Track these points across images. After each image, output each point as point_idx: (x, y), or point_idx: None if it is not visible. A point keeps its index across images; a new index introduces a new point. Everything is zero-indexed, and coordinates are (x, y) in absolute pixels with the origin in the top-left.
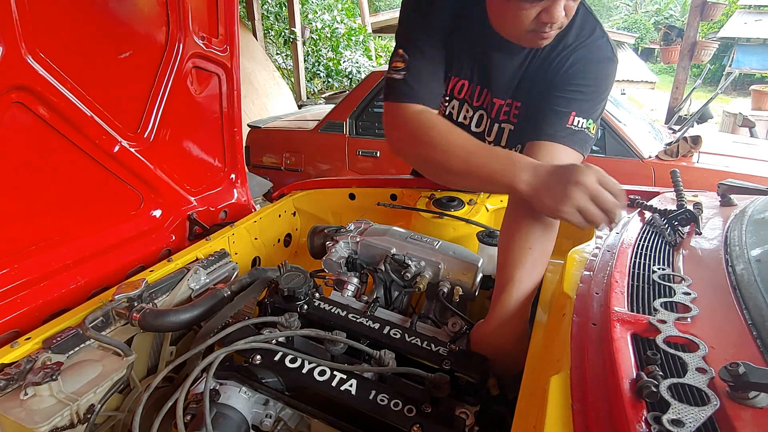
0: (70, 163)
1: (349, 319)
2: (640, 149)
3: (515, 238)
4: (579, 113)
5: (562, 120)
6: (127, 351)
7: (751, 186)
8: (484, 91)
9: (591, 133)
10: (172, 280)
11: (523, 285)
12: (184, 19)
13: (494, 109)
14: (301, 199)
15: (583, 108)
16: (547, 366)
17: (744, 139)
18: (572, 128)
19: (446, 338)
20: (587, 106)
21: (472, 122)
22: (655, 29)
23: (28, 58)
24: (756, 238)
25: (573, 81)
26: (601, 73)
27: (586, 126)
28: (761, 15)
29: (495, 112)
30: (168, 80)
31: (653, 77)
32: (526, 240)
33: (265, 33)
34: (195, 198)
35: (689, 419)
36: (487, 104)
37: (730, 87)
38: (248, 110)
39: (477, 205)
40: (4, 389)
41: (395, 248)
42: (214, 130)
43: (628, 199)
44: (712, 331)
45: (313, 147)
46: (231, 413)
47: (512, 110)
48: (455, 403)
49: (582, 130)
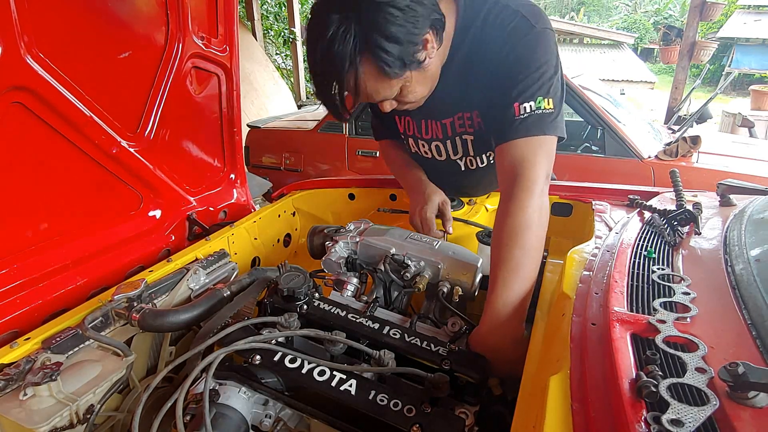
0: (69, 163)
1: (349, 319)
2: (639, 149)
3: (500, 238)
4: (521, 99)
5: (507, 115)
6: (126, 351)
7: (750, 186)
8: (429, 121)
9: (546, 109)
10: (172, 280)
11: (511, 285)
12: (184, 19)
13: (447, 128)
14: (301, 199)
15: (523, 92)
16: (546, 366)
17: (743, 139)
18: (520, 118)
19: (446, 338)
20: (525, 89)
21: (434, 153)
22: (655, 29)
23: (27, 58)
24: (755, 238)
25: (499, 72)
26: (520, 51)
27: (536, 107)
28: (760, 15)
29: (450, 131)
30: (167, 80)
31: (652, 77)
32: (509, 239)
33: (264, 33)
34: (194, 198)
35: (689, 419)
36: (435, 132)
37: (730, 87)
38: (248, 110)
39: (476, 205)
40: (4, 389)
41: (395, 248)
42: (213, 131)
43: (627, 199)
44: (711, 330)
45: (312, 147)
46: (230, 413)
47: (465, 121)
48: (455, 403)
49: (532, 113)
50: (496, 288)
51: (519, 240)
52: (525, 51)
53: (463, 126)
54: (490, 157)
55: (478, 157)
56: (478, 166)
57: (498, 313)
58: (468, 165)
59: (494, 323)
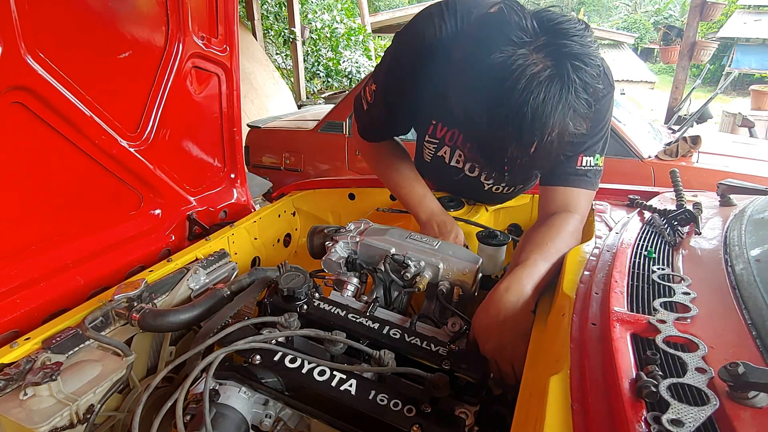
0: (69, 163)
1: (349, 319)
2: (639, 149)
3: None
4: (586, 153)
5: (571, 163)
6: (126, 351)
7: (750, 186)
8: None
9: (599, 167)
10: (172, 280)
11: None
12: (184, 19)
13: None
14: (301, 199)
15: (589, 146)
16: (547, 366)
17: (743, 139)
18: (582, 169)
19: (446, 338)
20: (592, 144)
21: (465, 168)
22: (655, 29)
23: (27, 58)
24: (755, 238)
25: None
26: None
27: (594, 163)
28: (761, 15)
29: None
30: (167, 80)
31: (653, 77)
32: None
33: (264, 33)
34: (194, 198)
35: (689, 419)
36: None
37: (730, 87)
38: (248, 110)
39: (476, 206)
40: (4, 389)
41: (395, 248)
42: (213, 130)
43: (627, 199)
44: (711, 330)
45: (312, 147)
46: (231, 413)
47: None
48: (455, 403)
49: (591, 168)
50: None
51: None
52: (604, 107)
53: None
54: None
55: (508, 186)
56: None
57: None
58: (492, 189)
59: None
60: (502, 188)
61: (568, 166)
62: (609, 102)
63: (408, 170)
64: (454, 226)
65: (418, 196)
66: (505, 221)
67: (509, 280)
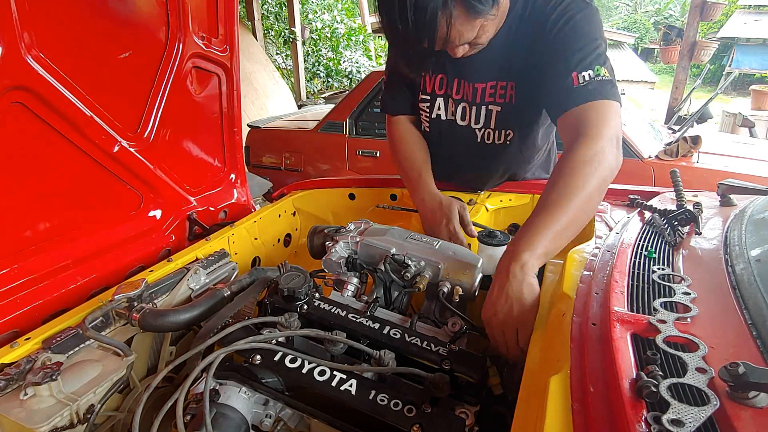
0: (69, 163)
1: (349, 319)
2: (639, 149)
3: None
4: (579, 68)
5: (564, 85)
6: (126, 351)
7: (750, 186)
8: (462, 82)
9: (606, 76)
10: (172, 280)
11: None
12: (184, 19)
13: (477, 94)
14: (301, 199)
15: (581, 61)
16: (547, 366)
17: (744, 139)
18: (580, 86)
19: (446, 338)
20: (584, 58)
21: (457, 116)
22: (655, 29)
23: (27, 58)
24: (756, 238)
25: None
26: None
27: (595, 74)
28: (761, 15)
29: (479, 97)
30: (168, 80)
31: (653, 77)
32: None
33: (265, 33)
34: (195, 198)
35: (689, 419)
36: (466, 93)
37: (730, 87)
38: (248, 110)
39: (477, 205)
40: (4, 389)
41: (395, 248)
42: (213, 130)
43: (628, 198)
44: (711, 330)
45: (313, 147)
46: (231, 413)
47: (498, 91)
48: (455, 403)
49: (592, 80)
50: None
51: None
52: (583, 23)
53: (494, 96)
54: (508, 137)
55: (497, 131)
56: (495, 141)
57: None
58: (485, 138)
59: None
60: (493, 135)
61: (563, 90)
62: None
63: (415, 150)
64: (446, 213)
65: (414, 178)
66: (505, 221)
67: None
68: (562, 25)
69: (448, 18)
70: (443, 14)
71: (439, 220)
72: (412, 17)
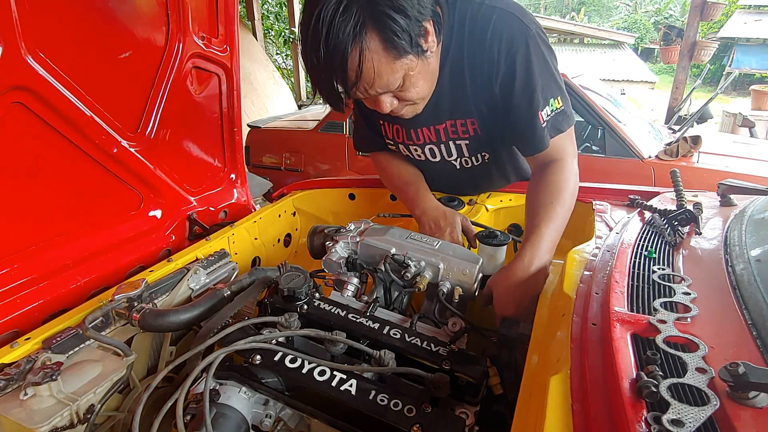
0: (69, 163)
1: (349, 319)
2: (640, 149)
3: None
4: (541, 107)
5: (533, 127)
6: (127, 351)
7: (751, 186)
8: (419, 129)
9: (558, 108)
10: (172, 280)
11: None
12: (184, 19)
13: (440, 134)
14: (301, 199)
15: (536, 99)
16: (547, 366)
17: (744, 139)
18: (545, 125)
19: (446, 338)
20: (541, 95)
21: (427, 156)
22: (655, 29)
23: (28, 58)
24: (756, 238)
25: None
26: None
27: (551, 110)
28: (761, 15)
29: (443, 136)
30: (168, 80)
31: (653, 77)
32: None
33: (265, 33)
34: (195, 198)
35: (689, 419)
36: (427, 136)
37: (730, 87)
38: (248, 110)
39: (477, 205)
40: (4, 389)
41: (395, 248)
42: (213, 130)
43: (628, 199)
44: (711, 331)
45: (313, 147)
46: (231, 413)
47: (459, 128)
48: (455, 403)
49: (551, 115)
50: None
51: (558, 196)
52: (532, 57)
53: (456, 132)
54: (485, 157)
55: (473, 157)
56: (474, 164)
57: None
58: (463, 164)
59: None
60: (471, 160)
61: (531, 131)
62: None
63: (404, 169)
64: (449, 222)
65: (412, 194)
66: (505, 221)
67: (530, 253)
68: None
69: (360, 48)
70: (355, 43)
71: (443, 229)
72: (323, 47)
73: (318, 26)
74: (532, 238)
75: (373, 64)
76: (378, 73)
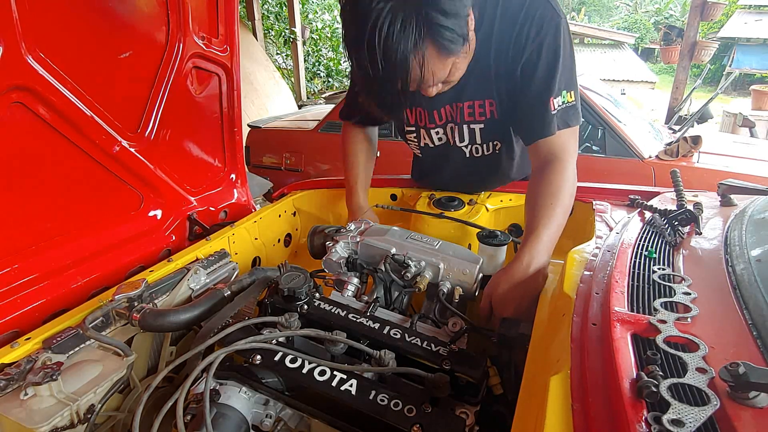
0: (70, 163)
1: (349, 319)
2: (640, 149)
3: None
4: (555, 94)
5: (543, 112)
6: (127, 351)
7: (751, 186)
8: (441, 109)
9: (569, 102)
10: (172, 280)
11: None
12: (184, 19)
13: (455, 114)
14: (301, 199)
15: (553, 85)
16: (547, 366)
17: (744, 139)
18: (555, 113)
19: (446, 338)
20: (558, 83)
21: (441, 140)
22: (655, 29)
23: (28, 58)
24: (756, 238)
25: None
26: (552, 43)
27: (563, 101)
28: (761, 15)
29: (459, 117)
30: (168, 80)
31: (653, 77)
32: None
33: (265, 33)
34: (195, 198)
35: (689, 419)
36: (449, 113)
37: (730, 87)
38: (248, 110)
39: (477, 206)
40: (4, 389)
41: (395, 248)
42: (214, 130)
43: (628, 198)
44: (712, 331)
45: (313, 147)
46: (231, 413)
47: (476, 110)
48: (455, 403)
49: (561, 107)
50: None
51: (558, 197)
52: (560, 44)
53: (473, 114)
54: (496, 147)
55: (485, 144)
56: (483, 153)
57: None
58: (473, 153)
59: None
60: (481, 148)
61: (540, 116)
62: (566, 33)
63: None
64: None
65: (351, 182)
66: (505, 221)
67: (528, 255)
68: (538, 50)
69: (420, 59)
70: (415, 56)
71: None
72: (382, 62)
73: (375, 41)
74: (531, 240)
75: (431, 68)
76: (433, 73)
